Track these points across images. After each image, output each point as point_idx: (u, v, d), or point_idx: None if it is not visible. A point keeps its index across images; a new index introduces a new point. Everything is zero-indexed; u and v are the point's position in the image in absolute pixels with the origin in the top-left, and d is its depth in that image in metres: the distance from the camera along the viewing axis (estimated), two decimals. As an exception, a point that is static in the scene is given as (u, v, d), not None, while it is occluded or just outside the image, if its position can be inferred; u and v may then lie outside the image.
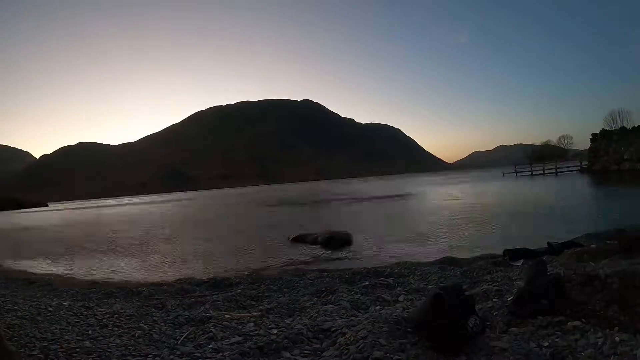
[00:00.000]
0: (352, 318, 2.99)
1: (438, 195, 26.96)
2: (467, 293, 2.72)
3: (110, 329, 3.16)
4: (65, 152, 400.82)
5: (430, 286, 4.60)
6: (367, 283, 5.08)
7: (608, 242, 6.27)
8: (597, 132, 42.20)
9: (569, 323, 2.22)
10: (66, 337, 2.90)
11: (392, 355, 2.09)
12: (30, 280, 7.51)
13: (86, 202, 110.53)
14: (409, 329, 2.37)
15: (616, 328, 2.12)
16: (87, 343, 2.76)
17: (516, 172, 48.81)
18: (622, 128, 42.08)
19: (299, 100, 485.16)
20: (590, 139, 42.35)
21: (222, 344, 2.66)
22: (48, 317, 3.59)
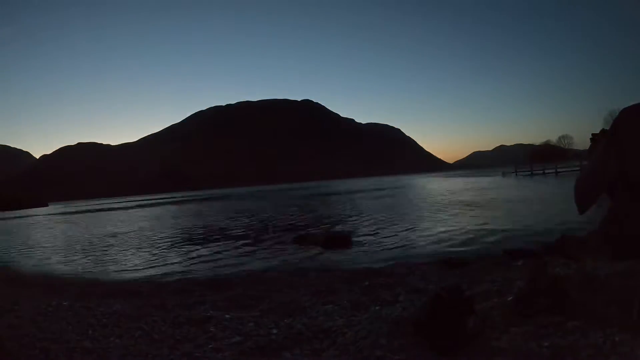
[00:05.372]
0: (352, 318, 2.99)
1: (438, 196, 26.96)
2: (467, 293, 2.72)
3: (110, 329, 3.16)
4: (65, 152, 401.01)
5: (430, 286, 4.59)
6: (367, 283, 5.08)
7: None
8: (597, 132, 42.24)
9: (569, 323, 2.22)
10: (66, 337, 2.90)
11: (392, 355, 2.09)
12: (30, 280, 7.51)
13: (86, 202, 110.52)
14: (409, 329, 2.37)
15: (616, 328, 2.12)
16: (87, 343, 2.77)
17: (516, 172, 49.06)
18: (622, 128, 42.13)
19: (299, 100, 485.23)
20: (590, 139, 42.36)
21: (222, 343, 2.66)
22: (48, 317, 3.59)
